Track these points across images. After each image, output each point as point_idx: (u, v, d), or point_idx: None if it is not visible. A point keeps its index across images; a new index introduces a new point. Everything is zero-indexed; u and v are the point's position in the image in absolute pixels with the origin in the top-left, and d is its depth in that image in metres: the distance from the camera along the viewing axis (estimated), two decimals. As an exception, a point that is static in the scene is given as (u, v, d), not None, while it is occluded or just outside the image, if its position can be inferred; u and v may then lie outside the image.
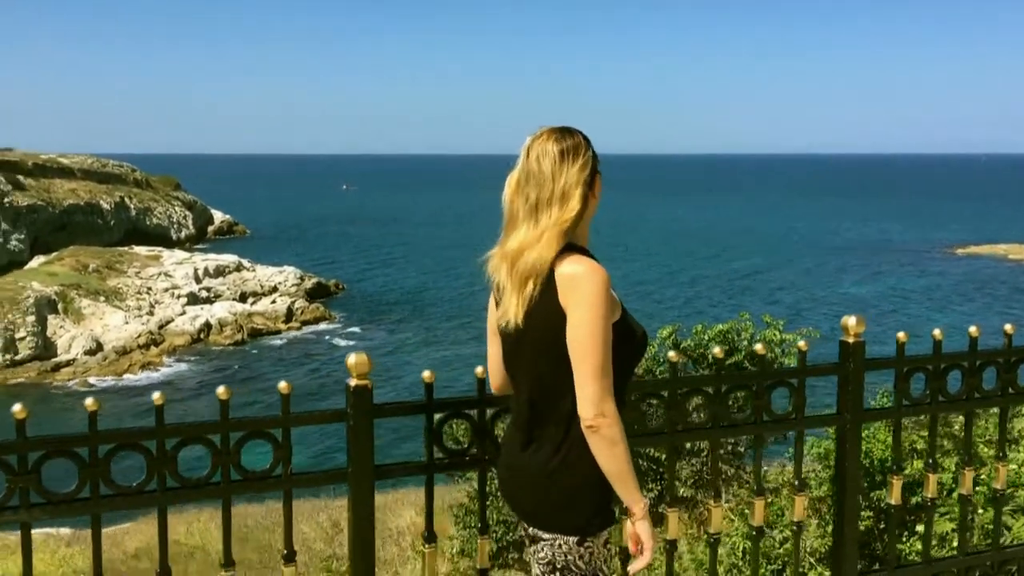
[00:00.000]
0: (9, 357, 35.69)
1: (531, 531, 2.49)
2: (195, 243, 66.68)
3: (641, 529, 2.45)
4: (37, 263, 46.88)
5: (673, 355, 3.17)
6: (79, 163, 64.21)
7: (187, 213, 71.19)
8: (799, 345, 3.37)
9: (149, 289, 43.86)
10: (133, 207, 65.12)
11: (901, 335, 3.44)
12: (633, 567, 2.48)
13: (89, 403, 2.48)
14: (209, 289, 45.72)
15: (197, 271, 47.18)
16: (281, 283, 47.89)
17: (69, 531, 15.34)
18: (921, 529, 4.50)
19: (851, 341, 3.34)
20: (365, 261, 62.98)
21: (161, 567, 2.66)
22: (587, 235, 2.50)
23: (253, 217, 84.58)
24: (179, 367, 36.26)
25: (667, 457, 3.38)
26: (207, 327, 40.59)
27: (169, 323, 40.62)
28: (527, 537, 2.53)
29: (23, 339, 36.46)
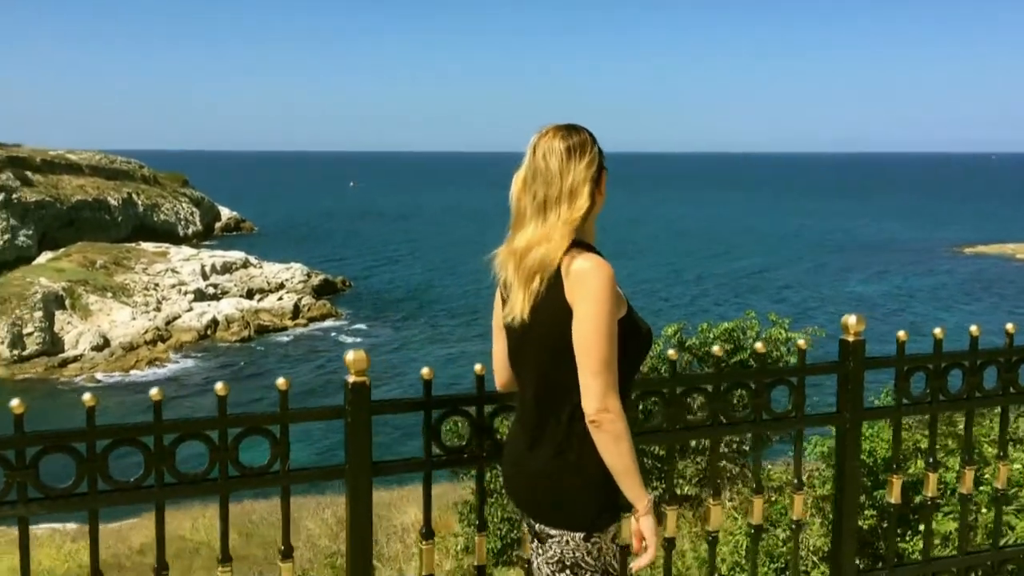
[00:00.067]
0: (16, 353, 35.82)
1: (537, 527, 2.49)
2: (202, 240, 66.76)
3: (645, 526, 2.45)
4: (45, 259, 47.04)
5: (672, 353, 3.17)
6: (87, 159, 64.34)
7: (194, 210, 71.30)
8: (799, 344, 3.37)
9: (156, 285, 43.97)
10: (141, 203, 65.23)
11: (901, 334, 3.44)
12: (636, 564, 2.49)
13: (87, 398, 2.49)
14: (216, 286, 45.81)
15: (204, 267, 47.28)
16: (288, 280, 47.97)
17: (75, 526, 15.41)
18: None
19: (851, 340, 3.34)
20: (372, 258, 63.04)
21: (159, 562, 2.67)
22: (594, 232, 2.51)
23: (260, 214, 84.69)
24: (186, 363, 36.36)
25: (666, 455, 3.38)
26: (214, 323, 40.68)
27: (176, 319, 40.71)
28: (532, 534, 2.53)
29: (30, 335, 36.58)
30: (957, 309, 42.83)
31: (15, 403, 2.41)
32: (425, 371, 2.88)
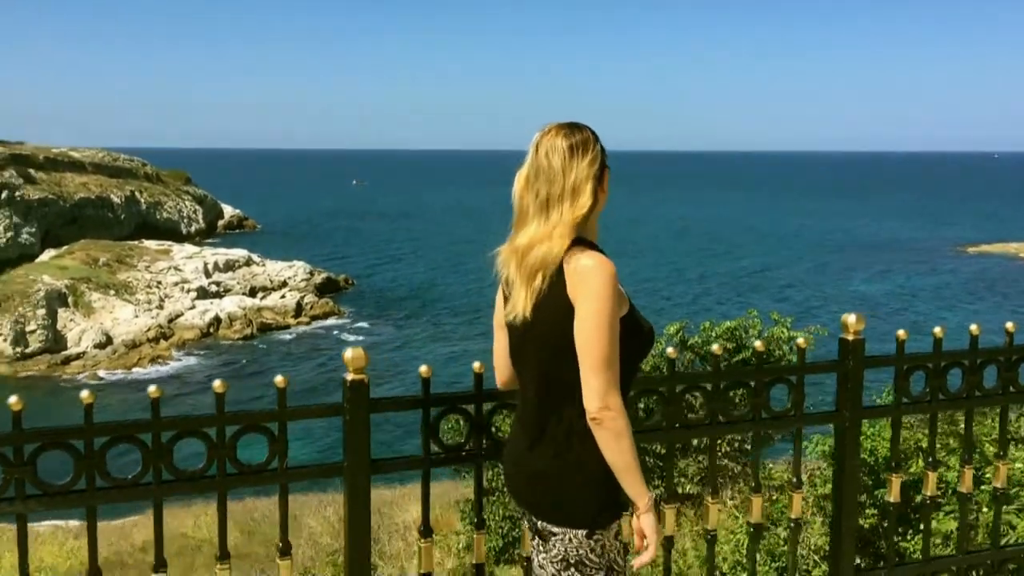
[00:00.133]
0: (19, 350, 35.87)
1: (539, 525, 2.49)
2: (205, 237, 66.79)
3: (646, 523, 2.45)
4: (48, 256, 47.07)
5: (671, 351, 3.17)
6: (90, 157, 64.35)
7: (197, 207, 71.32)
8: (798, 342, 3.36)
9: (159, 283, 44.02)
10: (144, 201, 65.26)
11: (901, 333, 3.43)
12: (638, 562, 2.48)
13: (85, 395, 2.50)
14: (219, 283, 45.85)
15: (207, 265, 47.32)
16: (290, 278, 48.00)
17: (77, 523, 15.42)
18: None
19: (850, 339, 3.34)
20: (375, 256, 63.05)
21: (157, 559, 2.67)
22: (596, 230, 2.51)
23: (263, 212, 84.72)
24: (188, 361, 36.39)
25: (665, 453, 3.38)
26: (216, 321, 40.71)
27: (178, 317, 40.75)
28: (534, 532, 2.53)
29: (33, 332, 36.63)
30: (960, 308, 42.76)
31: (13, 400, 2.42)
32: (423, 369, 2.88)
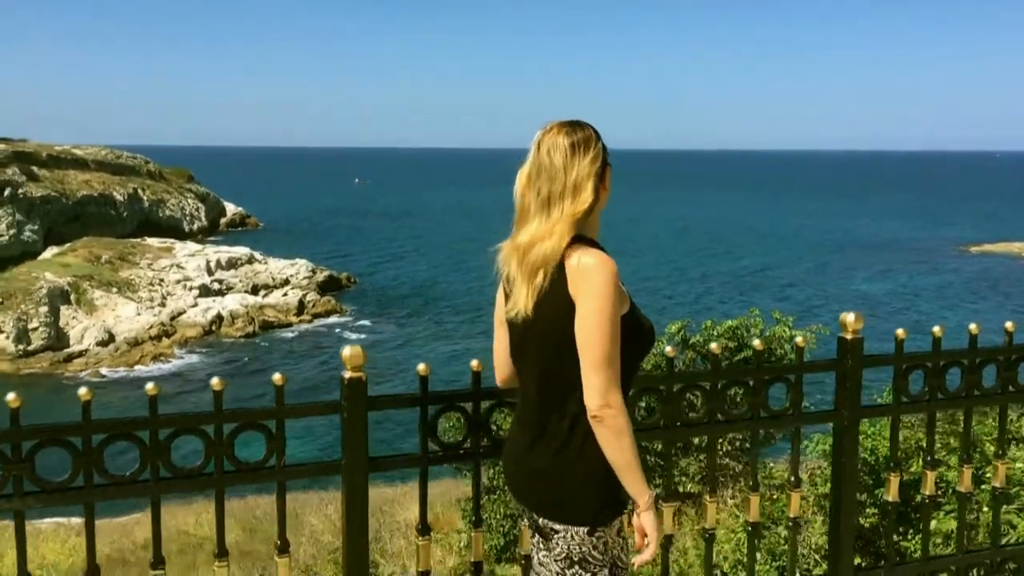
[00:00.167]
0: (22, 347, 35.91)
1: (541, 522, 2.49)
2: (207, 235, 66.80)
3: (646, 521, 2.45)
4: (50, 254, 47.13)
5: (670, 350, 3.17)
6: (93, 154, 64.38)
7: (200, 205, 71.35)
8: (797, 341, 3.36)
9: (161, 281, 44.06)
10: (146, 199, 65.30)
11: (900, 332, 3.43)
12: (638, 560, 2.48)
13: (83, 392, 2.50)
14: (221, 281, 45.89)
15: (209, 263, 47.36)
16: (293, 276, 48.04)
17: (79, 521, 15.38)
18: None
19: (849, 337, 3.33)
20: (377, 254, 63.08)
21: (155, 556, 2.67)
22: (598, 227, 2.51)
23: (265, 210, 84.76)
24: (190, 359, 36.42)
25: (664, 452, 3.38)
26: (219, 319, 40.76)
27: (181, 315, 40.79)
28: (535, 530, 2.53)
29: (36, 329, 36.68)
30: (962, 308, 42.71)
31: (11, 397, 2.42)
32: (421, 367, 2.89)
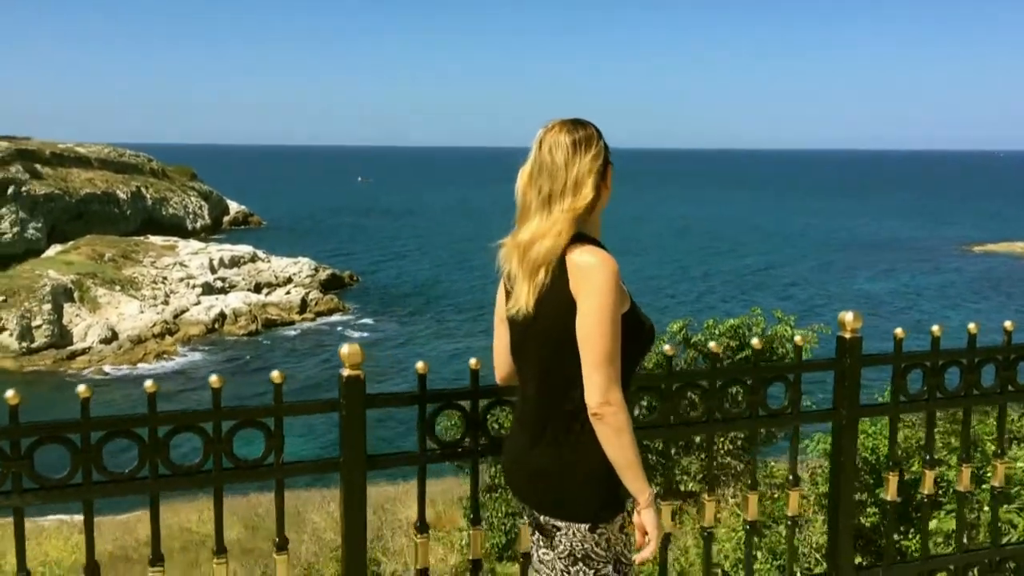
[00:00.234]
0: (25, 345, 35.96)
1: (542, 520, 2.49)
2: (210, 233, 66.79)
3: (647, 519, 2.45)
4: (54, 252, 47.16)
5: (668, 348, 3.17)
6: (96, 152, 64.39)
7: (203, 203, 71.35)
8: (796, 340, 3.36)
9: (164, 279, 44.09)
10: (149, 197, 65.30)
11: (899, 331, 3.43)
12: (638, 557, 2.49)
13: (81, 390, 2.51)
14: (224, 279, 45.93)
15: (212, 261, 47.40)
16: (295, 274, 48.08)
17: (81, 518, 15.43)
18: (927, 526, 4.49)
19: (848, 336, 3.33)
20: (379, 253, 63.11)
21: (153, 553, 2.68)
22: (599, 226, 2.51)
23: (268, 208, 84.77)
24: (193, 356, 36.46)
25: (662, 450, 3.38)
26: (221, 317, 40.78)
27: (184, 313, 40.83)
28: (535, 527, 2.54)
29: (39, 327, 36.72)
30: (964, 307, 42.67)
31: (10, 394, 2.43)
32: (420, 365, 2.89)
